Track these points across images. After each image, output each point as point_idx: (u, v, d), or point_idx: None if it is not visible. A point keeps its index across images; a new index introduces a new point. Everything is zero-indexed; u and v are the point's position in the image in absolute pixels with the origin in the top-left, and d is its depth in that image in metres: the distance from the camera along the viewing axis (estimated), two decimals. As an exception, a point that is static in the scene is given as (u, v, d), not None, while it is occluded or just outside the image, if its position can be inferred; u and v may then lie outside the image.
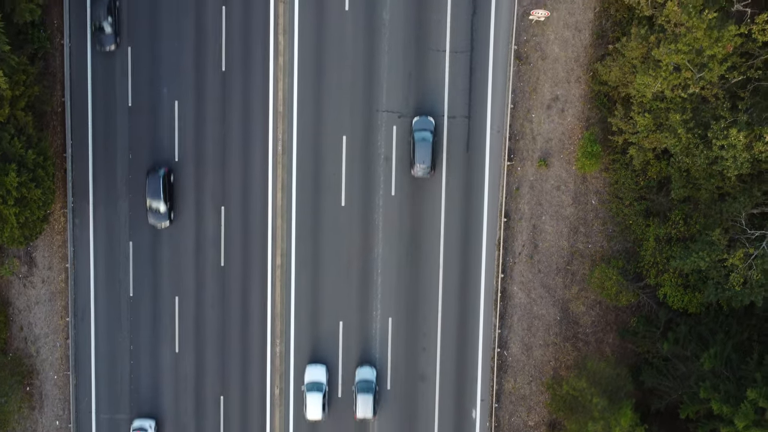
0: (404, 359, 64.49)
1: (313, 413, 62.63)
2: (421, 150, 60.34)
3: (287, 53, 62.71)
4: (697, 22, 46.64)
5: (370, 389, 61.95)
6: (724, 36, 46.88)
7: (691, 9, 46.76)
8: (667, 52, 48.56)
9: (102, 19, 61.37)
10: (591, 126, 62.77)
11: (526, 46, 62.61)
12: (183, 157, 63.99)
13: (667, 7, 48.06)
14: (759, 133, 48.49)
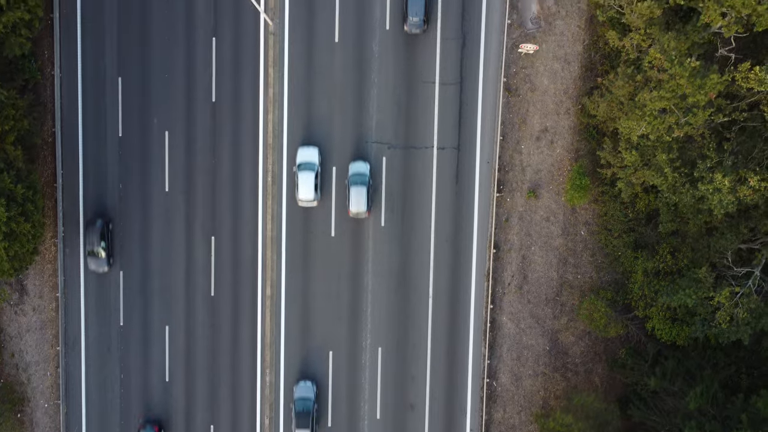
0: (394, 388, 64.67)
1: None
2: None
3: (277, 85, 62.86)
4: (679, 70, 46.76)
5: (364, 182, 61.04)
6: (706, 84, 47.01)
7: (673, 56, 46.86)
8: (650, 98, 48.69)
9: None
10: (580, 158, 62.90)
11: (516, 78, 62.74)
12: (173, 186, 64.13)
13: (649, 53, 48.16)
14: (743, 176, 48.61)
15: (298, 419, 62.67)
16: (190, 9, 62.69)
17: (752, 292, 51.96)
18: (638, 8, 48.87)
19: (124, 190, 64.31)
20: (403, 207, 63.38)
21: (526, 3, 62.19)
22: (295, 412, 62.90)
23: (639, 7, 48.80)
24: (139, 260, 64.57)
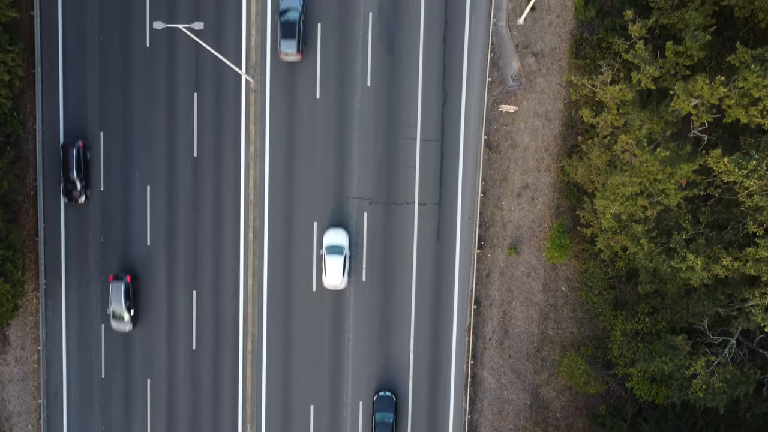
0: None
1: None
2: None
3: (258, 141, 62.94)
4: (650, 158, 46.85)
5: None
6: (677, 173, 47.08)
7: (644, 144, 46.96)
8: (622, 183, 48.79)
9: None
10: (561, 214, 62.98)
11: (497, 135, 62.81)
12: (155, 240, 64.21)
13: (621, 138, 48.26)
14: (716, 254, 48.70)
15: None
16: (172, 65, 62.71)
17: (728, 361, 52.07)
18: (610, 90, 49.00)
19: (106, 242, 64.37)
20: (384, 262, 63.45)
21: (507, 60, 62.25)
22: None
23: (610, 90, 48.91)
24: (120, 313, 64.62)
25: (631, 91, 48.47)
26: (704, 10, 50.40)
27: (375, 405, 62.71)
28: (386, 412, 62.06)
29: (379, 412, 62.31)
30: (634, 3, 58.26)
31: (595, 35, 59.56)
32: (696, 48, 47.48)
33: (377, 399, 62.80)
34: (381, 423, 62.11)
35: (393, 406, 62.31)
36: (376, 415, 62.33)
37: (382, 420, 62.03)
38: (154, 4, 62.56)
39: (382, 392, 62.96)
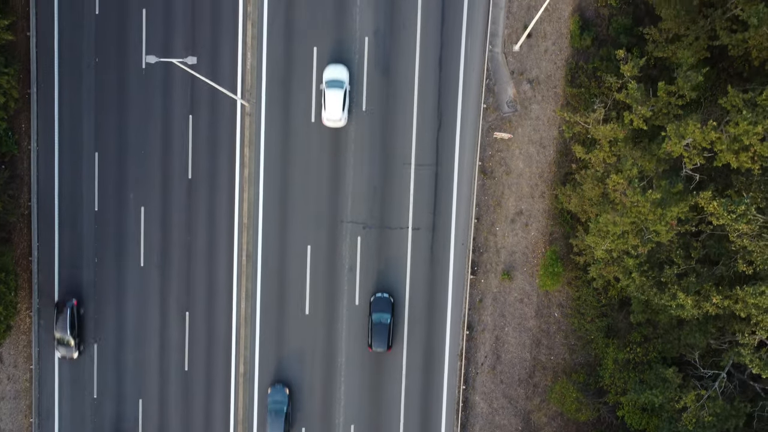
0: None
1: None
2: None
3: (253, 164, 62.97)
4: (641, 199, 46.86)
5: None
6: (667, 214, 47.10)
7: (636, 185, 46.98)
8: (612, 223, 48.82)
9: None
10: (554, 241, 63.01)
11: (491, 161, 62.84)
12: (148, 261, 64.26)
13: (612, 178, 48.29)
14: (707, 292, 48.72)
15: None
16: (167, 87, 62.76)
17: (718, 395, 52.11)
18: (602, 129, 49.02)
19: (99, 263, 64.43)
20: (377, 287, 63.45)
21: (502, 86, 62.27)
22: None
23: (602, 129, 48.95)
24: (113, 333, 64.71)
25: (623, 130, 48.52)
26: (699, 44, 50.43)
27: None
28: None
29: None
30: (629, 33, 58.36)
31: (590, 64, 59.59)
32: (688, 88, 47.50)
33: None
34: None
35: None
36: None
37: None
38: (149, 27, 62.58)
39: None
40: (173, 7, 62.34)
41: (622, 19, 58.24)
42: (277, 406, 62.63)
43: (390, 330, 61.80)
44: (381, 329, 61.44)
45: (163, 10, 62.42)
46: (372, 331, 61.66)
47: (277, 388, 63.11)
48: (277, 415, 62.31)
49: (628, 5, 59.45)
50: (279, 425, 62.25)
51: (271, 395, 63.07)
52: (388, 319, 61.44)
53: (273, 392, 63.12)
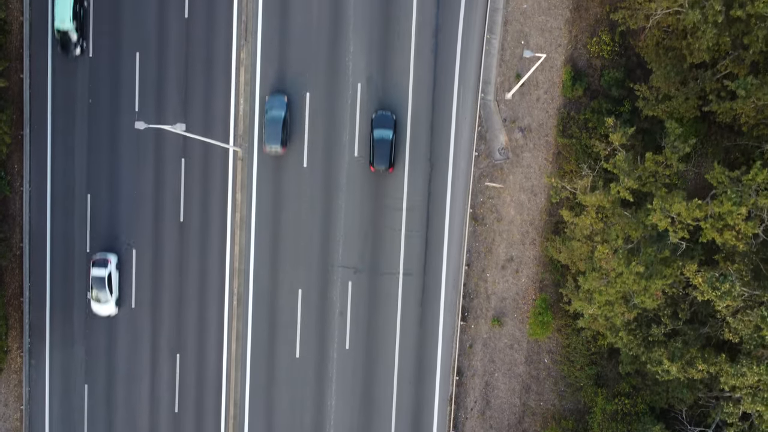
0: (355, 508, 65.04)
1: None
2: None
3: (245, 208, 63.10)
4: (625, 270, 47.01)
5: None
6: (651, 287, 47.25)
7: (621, 256, 47.14)
8: (598, 292, 48.96)
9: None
10: (545, 287, 63.15)
11: (483, 208, 62.98)
12: (139, 303, 64.39)
13: (598, 249, 48.43)
14: (692, 358, 48.84)
15: None
16: (160, 130, 62.83)
17: (705, 455, 52.29)
18: (588, 199, 49.19)
19: (90, 302, 64.46)
20: (368, 331, 63.65)
21: (494, 134, 62.42)
22: None
23: (589, 198, 49.11)
24: (104, 373, 64.82)
25: (609, 200, 48.70)
26: (689, 104, 50.60)
27: None
28: None
29: None
30: (621, 85, 58.50)
31: (581, 115, 59.76)
32: (675, 159, 47.68)
33: None
34: None
35: None
36: None
37: None
38: (143, 69, 62.74)
39: None
40: (167, 53, 62.43)
41: (613, 72, 58.41)
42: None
43: None
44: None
45: (156, 58, 62.52)
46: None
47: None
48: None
49: (620, 57, 59.62)
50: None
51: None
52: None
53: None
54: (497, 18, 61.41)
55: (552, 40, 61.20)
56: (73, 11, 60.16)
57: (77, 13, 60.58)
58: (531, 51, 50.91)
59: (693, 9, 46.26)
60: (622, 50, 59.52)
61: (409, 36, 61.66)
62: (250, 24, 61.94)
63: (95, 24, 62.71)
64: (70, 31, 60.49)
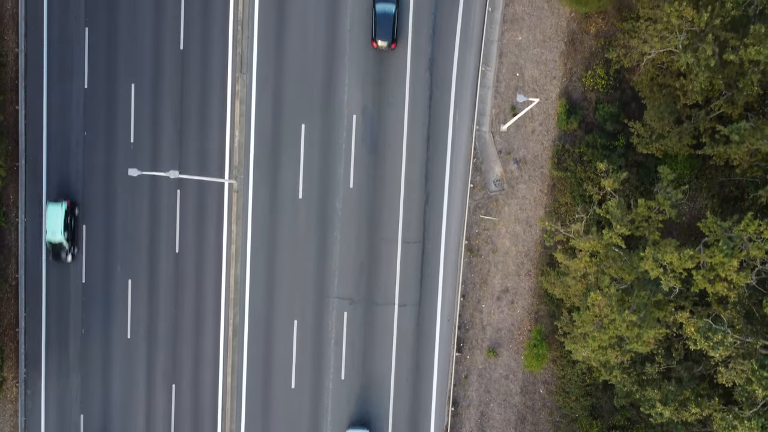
0: None
1: None
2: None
3: (240, 240, 63.13)
4: (618, 318, 47.08)
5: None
6: (643, 335, 47.32)
7: (613, 302, 47.19)
8: (591, 337, 49.00)
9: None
10: (540, 319, 63.21)
11: (478, 239, 63.03)
12: (135, 333, 64.41)
13: (591, 296, 48.48)
14: (684, 399, 48.87)
15: None
16: (156, 159, 62.91)
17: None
18: (581, 244, 49.23)
19: (86, 334, 64.57)
20: (363, 361, 63.68)
21: (489, 165, 62.49)
22: None
23: (582, 243, 49.15)
24: (99, 404, 64.84)
25: (602, 245, 48.75)
26: (682, 143, 50.68)
27: None
28: None
29: None
30: (615, 120, 58.58)
31: (576, 148, 59.83)
32: (668, 205, 47.74)
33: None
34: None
35: None
36: None
37: None
38: (138, 100, 62.82)
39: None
40: (162, 84, 62.51)
41: (608, 107, 58.51)
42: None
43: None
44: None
45: (151, 89, 62.60)
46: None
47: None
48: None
49: (615, 90, 59.71)
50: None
51: None
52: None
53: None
54: (492, 50, 61.50)
55: (547, 73, 61.28)
56: (64, 224, 61.47)
57: (68, 225, 61.92)
58: (524, 95, 50.99)
59: (686, 52, 46.32)
60: (617, 83, 59.62)
61: (404, 67, 61.73)
62: (245, 56, 62.00)
63: (90, 57, 62.76)
64: (63, 242, 61.91)
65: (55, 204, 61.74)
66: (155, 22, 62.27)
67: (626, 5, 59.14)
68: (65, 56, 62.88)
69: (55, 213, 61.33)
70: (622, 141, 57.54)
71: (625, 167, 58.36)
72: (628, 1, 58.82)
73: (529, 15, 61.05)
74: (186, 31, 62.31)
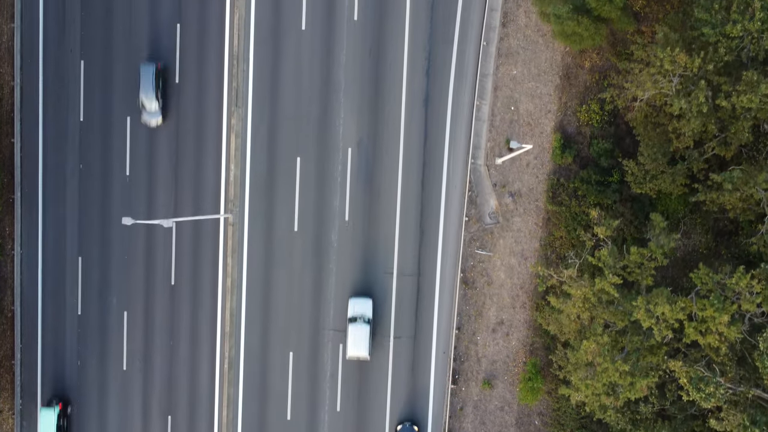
0: None
1: None
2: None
3: (235, 273, 63.24)
4: (611, 366, 47.21)
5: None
6: (636, 384, 47.43)
7: (606, 351, 47.31)
8: (584, 385, 49.11)
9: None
10: (535, 351, 63.33)
11: (473, 272, 63.15)
12: (131, 365, 64.51)
13: (583, 344, 48.62)
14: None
15: None
16: (151, 193, 63.03)
17: None
18: (574, 292, 49.37)
19: (82, 366, 64.65)
20: (359, 393, 63.78)
21: (484, 198, 62.61)
22: None
23: (575, 291, 49.30)
24: (95, 435, 65.04)
25: (594, 291, 48.89)
26: (677, 182, 50.81)
27: None
28: None
29: None
30: (610, 155, 58.72)
31: (571, 183, 59.96)
32: (660, 254, 47.88)
33: None
34: None
35: None
36: None
37: None
38: (133, 135, 62.93)
39: None
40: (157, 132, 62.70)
41: (602, 143, 58.65)
42: None
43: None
44: None
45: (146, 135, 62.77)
46: None
47: None
48: None
49: (610, 125, 59.86)
50: None
51: None
52: None
53: None
54: (487, 84, 61.65)
55: (542, 106, 61.43)
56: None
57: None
58: (517, 142, 51.21)
59: (679, 97, 46.47)
60: (612, 118, 59.77)
61: (400, 101, 61.88)
62: (241, 90, 62.12)
63: (85, 90, 62.89)
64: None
65: (48, 409, 62.13)
66: (151, 55, 62.34)
67: (621, 40, 59.31)
68: (61, 89, 62.99)
69: (48, 420, 61.70)
70: (616, 177, 57.68)
71: (620, 202, 58.50)
72: (622, 36, 58.98)
73: (524, 49, 61.21)
74: (181, 64, 62.44)
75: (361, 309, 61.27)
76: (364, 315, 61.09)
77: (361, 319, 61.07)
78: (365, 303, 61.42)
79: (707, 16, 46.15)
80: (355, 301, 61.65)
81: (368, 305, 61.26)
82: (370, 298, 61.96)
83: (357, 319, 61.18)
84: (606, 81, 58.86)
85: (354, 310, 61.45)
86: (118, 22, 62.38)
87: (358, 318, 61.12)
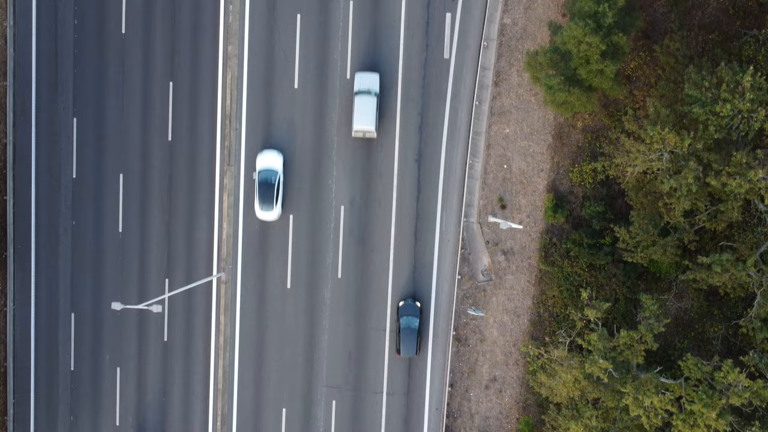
0: None
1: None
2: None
3: (228, 330, 63.28)
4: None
5: None
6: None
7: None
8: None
9: None
10: (528, 408, 63.34)
11: (466, 329, 63.17)
12: (124, 422, 64.61)
13: (571, 429, 48.57)
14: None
15: None
16: (144, 250, 63.10)
17: None
18: (564, 374, 49.39)
19: (75, 422, 64.68)
20: (352, 450, 63.89)
21: (477, 256, 62.63)
22: None
23: (564, 373, 49.32)
24: (88, 490, 65.03)
25: (584, 374, 48.86)
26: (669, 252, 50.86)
27: None
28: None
29: None
30: (602, 217, 58.74)
31: (563, 244, 59.97)
32: (650, 337, 47.89)
33: None
34: None
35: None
36: None
37: None
38: (126, 192, 62.97)
39: None
40: (150, 175, 62.66)
41: (595, 205, 58.63)
42: None
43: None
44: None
45: (140, 181, 62.77)
46: None
47: None
48: None
49: (602, 186, 59.86)
50: None
51: None
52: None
53: None
54: (480, 142, 61.67)
55: (534, 165, 61.45)
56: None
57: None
58: (508, 222, 51.31)
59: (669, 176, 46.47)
60: (605, 179, 59.75)
61: (392, 159, 61.92)
62: (233, 149, 62.16)
63: (78, 147, 62.94)
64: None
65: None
66: (143, 113, 62.40)
67: (613, 101, 59.34)
68: (53, 146, 63.02)
69: None
70: (608, 239, 57.70)
71: (612, 264, 58.50)
72: (614, 98, 58.97)
73: (517, 108, 61.24)
74: (174, 123, 62.47)
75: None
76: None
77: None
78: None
79: (698, 93, 46.14)
80: None
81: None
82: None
83: None
84: (598, 144, 58.86)
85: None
86: (111, 79, 62.40)
87: None
